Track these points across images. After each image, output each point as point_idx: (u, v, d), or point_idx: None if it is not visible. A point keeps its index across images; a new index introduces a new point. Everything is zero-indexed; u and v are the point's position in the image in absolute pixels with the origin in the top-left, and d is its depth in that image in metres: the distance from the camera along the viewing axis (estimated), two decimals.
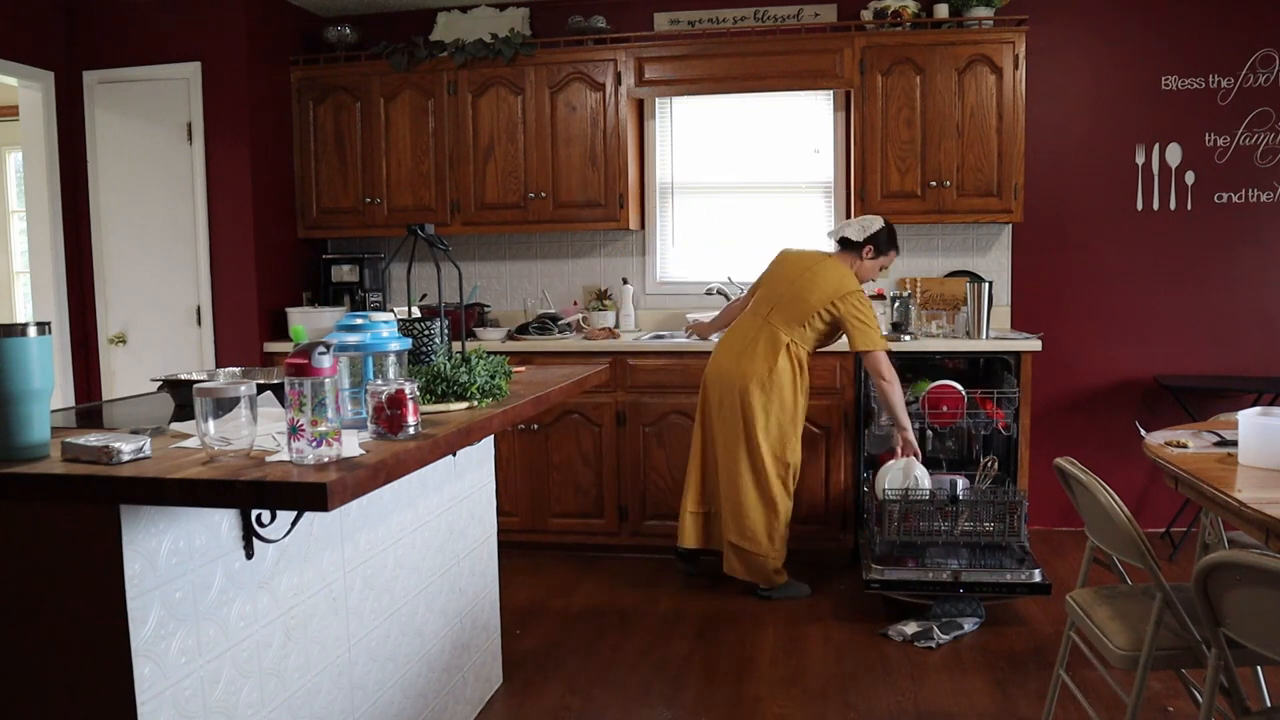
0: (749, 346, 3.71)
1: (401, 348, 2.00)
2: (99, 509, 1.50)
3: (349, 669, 2.18)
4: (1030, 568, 3.44)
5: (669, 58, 4.42)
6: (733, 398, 3.68)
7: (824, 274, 3.70)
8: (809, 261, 3.78)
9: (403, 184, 4.70)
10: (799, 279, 3.72)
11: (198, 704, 1.68)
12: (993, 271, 4.61)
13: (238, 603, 1.79)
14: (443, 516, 2.67)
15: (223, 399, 1.56)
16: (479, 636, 2.92)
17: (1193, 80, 4.43)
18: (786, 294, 3.72)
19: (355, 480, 1.48)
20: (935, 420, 3.81)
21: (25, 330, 1.54)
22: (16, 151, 5.65)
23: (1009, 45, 4.19)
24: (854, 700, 2.94)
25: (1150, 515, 4.53)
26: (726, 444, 3.72)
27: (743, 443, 3.69)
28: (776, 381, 3.66)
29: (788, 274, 3.77)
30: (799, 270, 3.75)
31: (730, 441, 3.71)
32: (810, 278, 3.70)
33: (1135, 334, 4.57)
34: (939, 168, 4.27)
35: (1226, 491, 1.97)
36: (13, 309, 6.17)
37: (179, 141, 4.51)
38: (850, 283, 3.68)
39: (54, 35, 4.49)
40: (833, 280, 3.67)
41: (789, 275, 3.77)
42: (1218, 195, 4.46)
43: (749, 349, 3.70)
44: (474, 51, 4.53)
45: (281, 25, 4.71)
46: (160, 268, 4.57)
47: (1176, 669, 2.28)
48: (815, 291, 3.67)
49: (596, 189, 4.54)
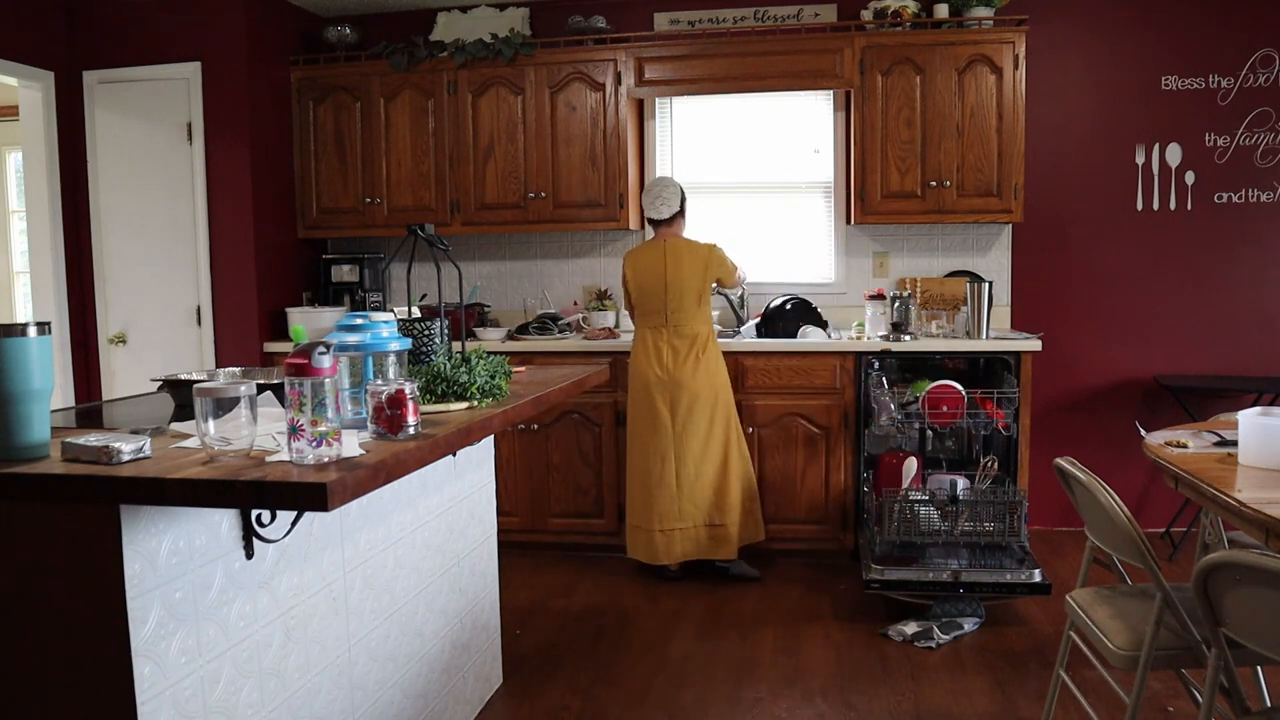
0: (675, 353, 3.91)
1: (401, 348, 2.00)
2: (99, 509, 1.50)
3: (349, 669, 2.18)
4: (1030, 568, 3.44)
5: (669, 58, 4.42)
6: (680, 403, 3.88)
7: (683, 253, 3.93)
8: (658, 252, 3.96)
9: (403, 184, 4.70)
10: (668, 271, 3.92)
11: (198, 704, 1.68)
12: (993, 271, 4.61)
13: (238, 603, 1.79)
14: (443, 516, 2.67)
15: (223, 399, 1.56)
16: (479, 636, 2.92)
17: (1193, 80, 4.43)
18: (670, 291, 3.92)
19: (355, 480, 1.48)
20: (935, 420, 3.81)
21: (25, 330, 1.54)
22: (16, 151, 5.65)
23: (1009, 45, 4.19)
24: (854, 700, 2.94)
25: (1150, 515, 4.53)
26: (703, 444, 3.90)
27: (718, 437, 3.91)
28: (709, 370, 3.90)
29: (653, 273, 3.95)
30: (658, 265, 3.94)
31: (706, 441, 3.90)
32: (676, 264, 3.92)
33: (1135, 334, 4.57)
34: (939, 168, 4.27)
35: (1226, 491, 1.97)
36: (13, 309, 6.17)
37: (179, 141, 4.51)
38: (702, 245, 3.96)
39: (54, 35, 4.49)
40: (689, 251, 3.93)
41: (655, 273, 3.94)
42: (1218, 195, 4.46)
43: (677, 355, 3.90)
44: (474, 51, 4.53)
45: (281, 25, 4.71)
46: (160, 268, 4.57)
47: (1176, 669, 2.28)
48: (691, 271, 3.90)
49: (596, 189, 4.54)
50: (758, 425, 4.16)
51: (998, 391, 3.94)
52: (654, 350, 3.93)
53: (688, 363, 3.88)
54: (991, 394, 3.94)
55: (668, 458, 3.89)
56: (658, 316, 3.94)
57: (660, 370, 3.90)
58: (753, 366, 4.17)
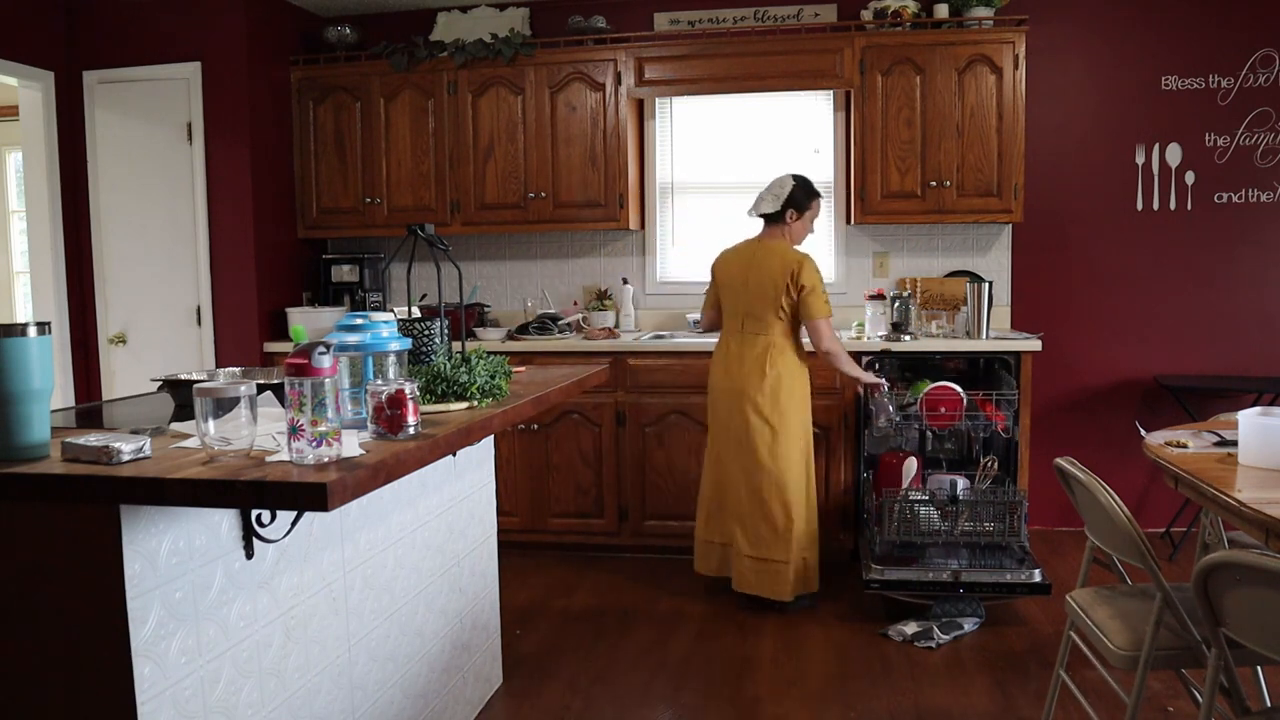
0: (738, 360, 3.64)
1: (401, 348, 2.00)
2: (99, 509, 1.50)
3: (349, 669, 2.18)
4: (1030, 568, 3.44)
5: (669, 58, 4.42)
6: (738, 413, 3.62)
7: (766, 257, 3.62)
8: (748, 253, 3.70)
9: (403, 184, 4.70)
10: (749, 275, 3.65)
11: (198, 704, 1.68)
12: (993, 271, 4.61)
13: (238, 603, 1.79)
14: (443, 516, 2.67)
15: (223, 399, 1.56)
16: (479, 636, 2.92)
17: (1193, 80, 4.43)
18: (744, 295, 3.65)
19: (355, 480, 1.48)
20: (933, 422, 3.77)
21: (25, 330, 1.54)
22: (16, 151, 5.64)
23: (1009, 45, 4.19)
24: (854, 700, 2.94)
25: (1150, 515, 4.53)
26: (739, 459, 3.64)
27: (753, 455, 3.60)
28: (776, 386, 3.59)
29: (737, 276, 3.69)
30: (744, 266, 3.68)
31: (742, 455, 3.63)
32: (757, 267, 3.63)
33: (1135, 334, 4.57)
34: (939, 168, 4.27)
35: (1226, 491, 1.96)
36: (13, 309, 6.17)
37: (179, 141, 4.51)
38: (793, 253, 3.62)
39: (54, 35, 4.49)
40: (777, 257, 3.61)
41: (739, 276, 3.68)
42: (1218, 195, 4.46)
43: (743, 364, 3.63)
44: (474, 51, 4.53)
45: (281, 25, 4.71)
46: (160, 268, 4.58)
47: (1176, 669, 2.28)
48: (768, 277, 3.59)
49: (596, 189, 4.54)
50: None
51: (997, 393, 3.91)
52: (724, 355, 3.71)
53: (754, 374, 3.59)
54: (991, 396, 3.90)
55: (720, 466, 3.73)
56: (734, 320, 3.70)
57: (726, 378, 3.67)
58: None
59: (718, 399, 3.71)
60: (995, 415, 3.83)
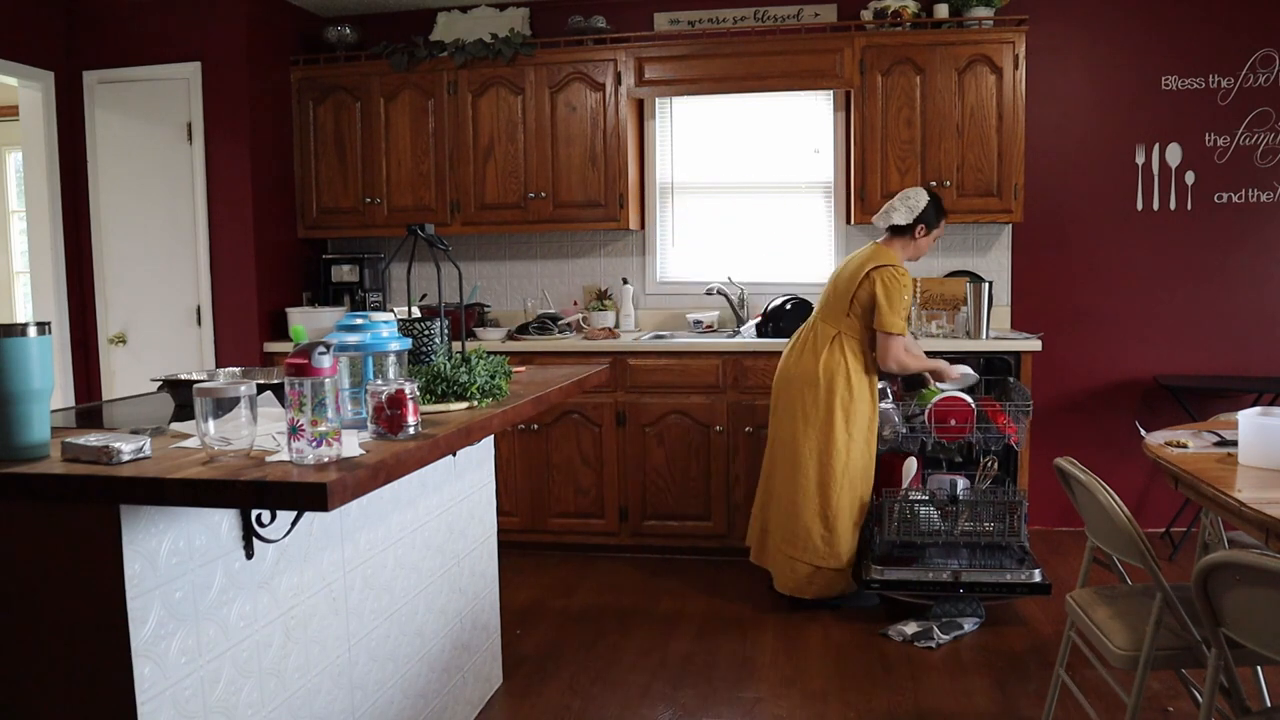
0: (801, 352, 3.63)
1: (401, 348, 2.00)
2: (99, 509, 1.50)
3: (349, 669, 2.18)
4: (1030, 568, 3.44)
5: (669, 58, 4.42)
6: (790, 400, 3.62)
7: (858, 256, 3.63)
8: (851, 257, 3.70)
9: (403, 184, 4.70)
10: (842, 269, 3.67)
11: (198, 704, 1.68)
12: (993, 271, 4.61)
13: (238, 603, 1.79)
14: (443, 516, 2.67)
15: (223, 399, 1.56)
16: (479, 636, 2.92)
17: (1193, 80, 4.43)
18: (828, 288, 3.69)
19: (355, 480, 1.48)
20: (943, 435, 3.60)
21: (25, 330, 1.54)
22: (16, 151, 5.65)
23: (1009, 45, 4.19)
24: (854, 700, 2.94)
25: (1150, 515, 4.53)
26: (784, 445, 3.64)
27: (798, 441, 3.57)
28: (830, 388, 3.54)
29: (836, 269, 3.73)
30: (844, 262, 3.70)
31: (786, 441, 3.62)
32: (849, 263, 3.64)
33: (1135, 334, 4.57)
34: (939, 168, 4.27)
35: (1226, 491, 1.97)
36: (13, 309, 6.17)
37: (179, 141, 4.51)
38: (882, 257, 3.54)
39: (54, 35, 4.49)
40: (867, 259, 3.57)
41: (836, 270, 3.72)
42: (1218, 195, 4.46)
43: (801, 355, 3.63)
44: (474, 51, 4.53)
45: (281, 25, 4.71)
46: (160, 268, 4.58)
47: (1176, 669, 2.28)
48: (847, 274, 3.59)
49: (596, 189, 4.54)
50: (757, 425, 4.16)
51: (1011, 404, 3.70)
52: (796, 341, 3.70)
53: (810, 365, 3.56)
54: (1003, 405, 3.70)
55: (769, 454, 3.75)
56: (817, 310, 3.72)
57: (784, 364, 3.68)
58: (753, 367, 4.17)
59: (777, 384, 3.72)
60: (1008, 427, 3.58)
